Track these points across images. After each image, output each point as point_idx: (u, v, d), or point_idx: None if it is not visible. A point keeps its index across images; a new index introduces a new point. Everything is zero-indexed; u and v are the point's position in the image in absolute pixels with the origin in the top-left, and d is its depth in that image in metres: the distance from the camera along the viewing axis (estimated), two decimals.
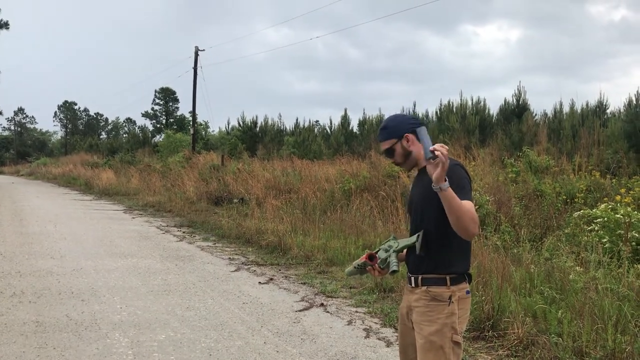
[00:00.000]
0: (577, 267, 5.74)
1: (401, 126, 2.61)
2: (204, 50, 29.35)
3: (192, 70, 28.88)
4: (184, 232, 11.31)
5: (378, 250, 2.67)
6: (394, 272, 2.57)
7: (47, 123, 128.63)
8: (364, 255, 2.69)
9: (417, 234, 2.51)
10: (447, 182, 2.25)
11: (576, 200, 8.77)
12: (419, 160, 2.61)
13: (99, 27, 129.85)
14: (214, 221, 12.10)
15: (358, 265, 2.70)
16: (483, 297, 5.03)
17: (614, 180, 9.71)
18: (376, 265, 2.63)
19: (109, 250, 8.93)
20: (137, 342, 4.55)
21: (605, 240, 6.47)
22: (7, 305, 5.53)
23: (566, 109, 17.72)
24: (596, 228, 6.87)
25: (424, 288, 2.51)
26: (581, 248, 6.46)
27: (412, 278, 2.57)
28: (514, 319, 4.63)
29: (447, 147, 2.27)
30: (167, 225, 12.40)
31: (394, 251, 2.59)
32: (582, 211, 7.50)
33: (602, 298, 4.67)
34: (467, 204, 2.32)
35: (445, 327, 2.46)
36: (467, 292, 2.54)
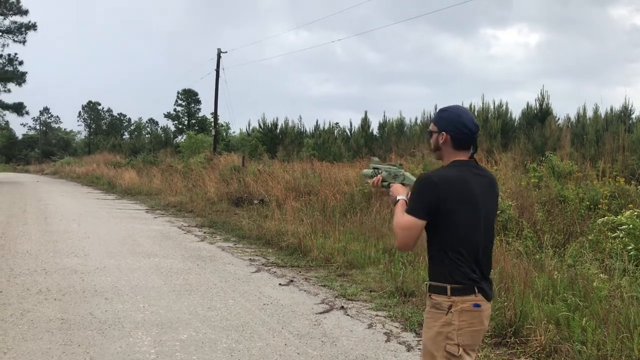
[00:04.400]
0: (601, 274, 5.68)
1: (446, 122, 2.56)
2: (226, 52, 29.58)
3: (215, 72, 29.10)
4: (204, 233, 11.41)
5: (380, 170, 2.84)
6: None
7: (72, 123, 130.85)
8: (377, 177, 2.84)
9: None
10: (395, 199, 2.61)
11: (600, 206, 8.65)
12: (444, 160, 2.60)
13: (124, 29, 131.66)
14: (234, 222, 12.18)
15: (371, 174, 2.89)
16: (505, 303, 4.99)
17: None
18: (379, 180, 2.81)
19: (131, 249, 9.04)
20: (159, 342, 4.60)
21: (630, 247, 6.38)
22: (33, 302, 5.64)
23: (589, 113, 17.50)
24: (621, 235, 6.78)
25: (429, 295, 2.54)
26: (605, 255, 6.38)
27: (426, 284, 2.60)
28: (537, 325, 4.59)
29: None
30: (189, 225, 12.51)
31: (400, 182, 2.74)
32: (606, 217, 7.41)
33: (628, 306, 4.61)
34: (400, 219, 2.48)
35: (439, 336, 2.44)
36: (475, 305, 2.43)
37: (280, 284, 6.94)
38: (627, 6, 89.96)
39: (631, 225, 6.70)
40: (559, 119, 18.26)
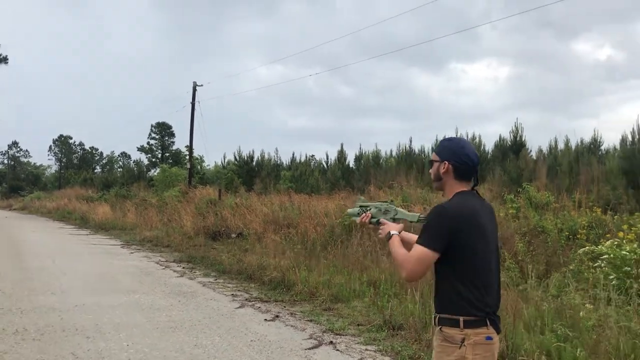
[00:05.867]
0: (587, 304, 5.73)
1: (448, 152, 2.59)
2: (202, 85, 29.62)
3: (190, 105, 29.04)
4: (183, 268, 11.21)
5: (369, 208, 2.84)
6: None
7: (42, 157, 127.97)
8: (365, 215, 2.85)
9: (418, 215, 2.69)
10: (388, 234, 2.64)
11: (579, 236, 8.78)
12: (445, 191, 2.61)
13: (96, 61, 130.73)
14: (213, 256, 12.00)
15: (357, 212, 2.89)
16: None
17: (616, 217, 9.73)
18: (368, 217, 2.83)
19: (110, 286, 8.82)
20: None
21: (612, 277, 6.46)
22: (10, 343, 5.42)
23: (561, 145, 17.90)
24: (602, 265, 6.87)
25: (439, 328, 2.49)
26: (589, 285, 6.45)
27: (433, 317, 2.56)
28: (529, 357, 4.60)
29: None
30: (167, 261, 12.29)
31: (391, 218, 2.77)
32: (587, 247, 7.51)
33: (617, 336, 4.64)
34: (413, 250, 2.46)
35: None
36: (488, 338, 2.41)
37: (265, 319, 6.82)
38: (589, 42, 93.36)
39: (612, 255, 6.80)
40: (530, 150, 18.65)
